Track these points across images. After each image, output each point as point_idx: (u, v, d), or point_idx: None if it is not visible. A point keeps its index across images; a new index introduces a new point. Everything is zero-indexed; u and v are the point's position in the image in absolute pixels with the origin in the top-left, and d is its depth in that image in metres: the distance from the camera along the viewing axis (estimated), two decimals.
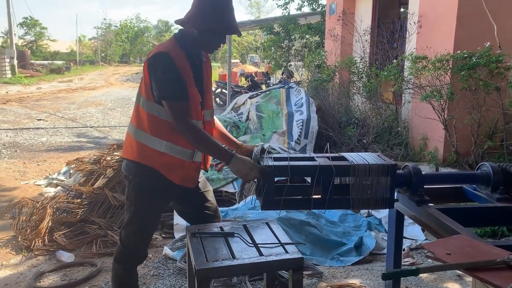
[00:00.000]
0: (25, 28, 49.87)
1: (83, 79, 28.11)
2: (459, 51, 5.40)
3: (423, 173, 2.31)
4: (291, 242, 1.99)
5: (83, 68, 41.52)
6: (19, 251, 3.75)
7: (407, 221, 2.53)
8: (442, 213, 2.07)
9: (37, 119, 11.23)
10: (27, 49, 38.84)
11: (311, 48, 12.09)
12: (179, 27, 2.27)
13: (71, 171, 5.55)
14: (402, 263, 3.23)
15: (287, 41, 13.31)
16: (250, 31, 28.86)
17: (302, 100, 6.77)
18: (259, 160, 2.17)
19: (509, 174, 2.28)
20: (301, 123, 6.30)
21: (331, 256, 3.65)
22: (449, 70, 5.46)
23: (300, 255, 1.88)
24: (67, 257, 3.57)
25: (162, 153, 2.19)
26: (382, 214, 4.30)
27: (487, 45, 5.22)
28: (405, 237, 3.79)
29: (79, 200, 4.17)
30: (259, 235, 2.07)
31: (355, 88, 7.65)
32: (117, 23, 60.93)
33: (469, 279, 3.13)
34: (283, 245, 1.95)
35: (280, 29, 13.53)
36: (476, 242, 1.68)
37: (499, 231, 4.01)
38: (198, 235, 2.04)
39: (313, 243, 3.71)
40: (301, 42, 13.02)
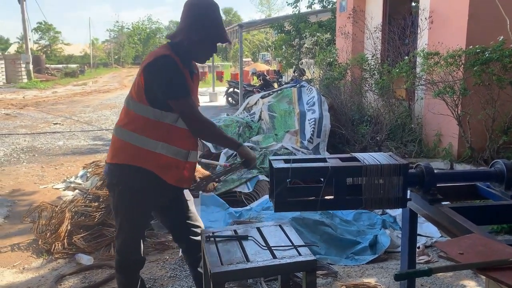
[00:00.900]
0: (39, 32, 50.62)
1: (97, 82, 28.45)
2: (471, 46, 5.35)
3: (435, 171, 2.31)
4: (304, 244, 2.02)
5: (97, 71, 42.01)
6: (40, 254, 3.85)
7: (421, 218, 2.53)
8: (455, 212, 2.07)
9: (54, 123, 11.43)
10: (42, 54, 39.49)
11: (322, 46, 12.05)
12: None
13: (88, 175, 5.65)
14: (417, 261, 3.23)
15: (298, 39, 13.29)
16: (261, 29, 28.82)
17: (314, 99, 6.77)
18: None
19: None
20: (313, 122, 6.30)
21: (345, 255, 3.67)
22: (462, 66, 5.41)
23: (313, 257, 1.91)
24: (86, 259, 3.65)
25: (158, 154, 2.20)
26: (397, 212, 4.29)
27: (500, 39, 5.17)
28: (420, 235, 3.78)
29: (96, 204, 4.25)
30: (272, 237, 2.10)
31: (367, 85, 7.62)
32: (129, 25, 61.45)
33: (484, 277, 3.12)
34: (296, 247, 1.98)
35: (290, 27, 13.51)
36: (489, 241, 1.68)
37: None
38: (213, 238, 2.08)
39: (327, 242, 3.73)
40: (312, 40, 12.99)
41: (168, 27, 65.36)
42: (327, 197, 2.19)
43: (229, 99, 14.86)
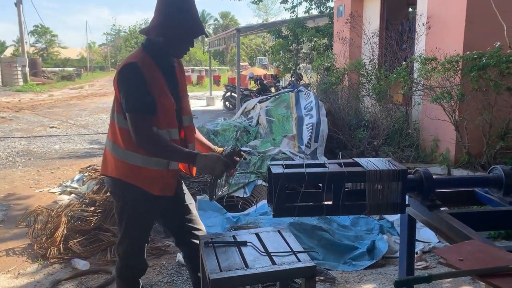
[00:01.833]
0: (36, 36, 50.59)
1: (93, 86, 28.45)
2: (468, 52, 5.38)
3: (434, 177, 2.31)
4: (303, 250, 2.01)
5: (93, 74, 41.99)
6: (35, 259, 3.81)
7: (419, 224, 2.53)
8: (454, 218, 2.07)
9: (50, 127, 11.39)
10: (38, 57, 39.40)
11: (319, 51, 12.09)
12: None
13: (84, 179, 5.62)
14: (415, 267, 3.22)
15: (295, 44, 13.32)
16: (259, 34, 28.89)
17: (311, 104, 6.78)
18: (228, 158, 2.18)
19: None
20: (311, 127, 6.30)
21: (343, 261, 3.65)
22: (459, 71, 5.44)
23: (313, 263, 1.90)
24: (82, 265, 3.62)
25: (141, 167, 2.16)
26: (394, 217, 4.29)
27: (497, 45, 5.19)
28: (418, 240, 3.78)
29: (92, 208, 4.22)
30: (271, 243, 2.09)
31: (364, 91, 7.64)
32: (126, 29, 61.49)
33: (483, 283, 3.12)
34: (295, 253, 1.96)
35: (288, 32, 13.55)
36: (488, 248, 1.67)
37: None
38: (211, 244, 2.07)
39: (325, 247, 3.72)
40: (309, 45, 13.03)
41: None
42: (326, 202, 2.18)
43: (226, 103, 14.86)
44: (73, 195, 5.30)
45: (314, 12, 14.21)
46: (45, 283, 3.38)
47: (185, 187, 2.47)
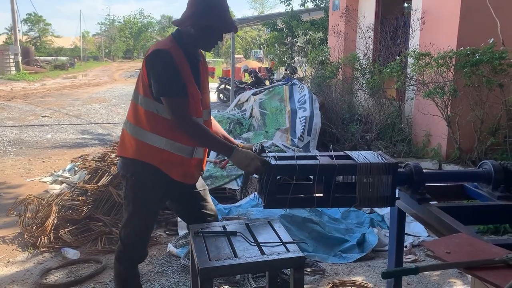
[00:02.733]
0: (29, 24, 49.99)
1: (87, 75, 28.19)
2: (462, 48, 5.39)
3: (424, 171, 2.32)
4: (292, 240, 2.02)
5: (87, 64, 41.60)
6: (25, 248, 3.80)
7: (409, 218, 2.54)
8: (443, 211, 2.09)
9: (42, 116, 11.30)
10: (31, 46, 39.01)
11: (314, 44, 12.07)
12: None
13: (76, 168, 5.60)
14: (404, 260, 3.25)
15: (290, 37, 13.29)
16: (254, 26, 28.79)
17: (305, 97, 6.78)
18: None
19: (510, 172, 2.28)
20: (304, 120, 6.31)
21: (333, 253, 3.68)
22: (452, 67, 5.46)
23: (301, 254, 1.91)
24: (72, 254, 3.62)
25: (163, 150, 2.20)
26: (385, 211, 4.32)
27: (490, 41, 5.21)
28: (407, 234, 3.81)
29: (84, 198, 4.21)
30: (261, 234, 2.10)
31: (358, 85, 7.65)
32: (120, 19, 60.98)
33: (470, 276, 3.15)
34: (284, 244, 1.97)
35: (283, 25, 13.51)
36: (475, 241, 1.69)
37: (501, 227, 4.02)
38: (201, 234, 2.07)
39: (315, 240, 3.74)
40: (304, 38, 13.00)
41: (160, 22, 64.95)
42: (317, 194, 2.19)
43: (220, 95, 14.82)
44: (64, 184, 5.28)
45: (310, 5, 14.16)
46: (35, 271, 3.37)
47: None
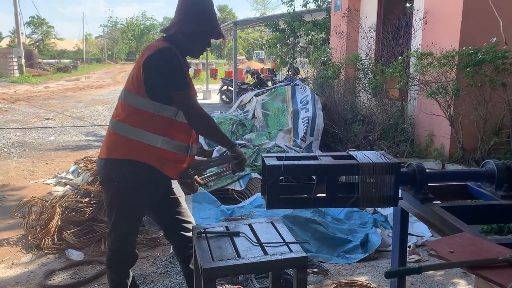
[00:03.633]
0: (32, 27, 50.28)
1: (90, 78, 28.28)
2: (464, 47, 5.38)
3: (427, 171, 2.32)
4: (295, 241, 2.02)
5: (90, 67, 41.77)
6: (29, 249, 3.81)
7: (412, 218, 2.54)
8: (446, 211, 2.08)
9: (45, 118, 11.33)
10: (34, 48, 39.13)
11: (316, 45, 12.06)
12: None
13: (79, 170, 5.61)
14: (408, 260, 3.24)
15: (292, 38, 13.29)
16: (256, 27, 28.80)
17: (307, 98, 6.78)
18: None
19: None
20: (306, 121, 6.31)
21: (337, 253, 3.68)
22: (455, 67, 5.45)
23: (304, 254, 1.91)
24: (76, 255, 3.62)
25: (158, 148, 2.19)
26: (388, 211, 4.31)
27: (493, 41, 5.20)
28: (411, 234, 3.80)
29: (87, 199, 4.22)
30: (264, 234, 2.10)
31: (360, 85, 7.64)
32: (123, 21, 61.19)
33: (474, 276, 3.14)
34: (287, 244, 1.97)
35: (285, 26, 13.51)
36: (479, 240, 1.68)
37: (505, 227, 4.01)
38: (204, 234, 2.07)
39: (319, 240, 3.74)
40: (306, 39, 12.99)
41: (162, 24, 65.06)
42: (319, 195, 2.19)
43: (223, 96, 14.83)
44: (68, 186, 5.29)
45: (312, 6, 14.14)
46: (39, 273, 3.38)
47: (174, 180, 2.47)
